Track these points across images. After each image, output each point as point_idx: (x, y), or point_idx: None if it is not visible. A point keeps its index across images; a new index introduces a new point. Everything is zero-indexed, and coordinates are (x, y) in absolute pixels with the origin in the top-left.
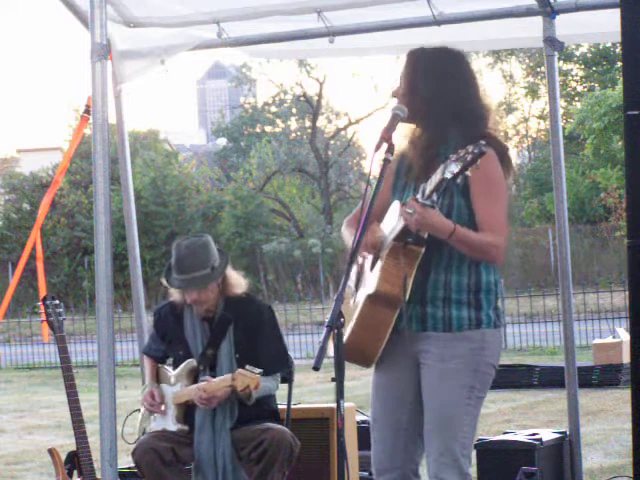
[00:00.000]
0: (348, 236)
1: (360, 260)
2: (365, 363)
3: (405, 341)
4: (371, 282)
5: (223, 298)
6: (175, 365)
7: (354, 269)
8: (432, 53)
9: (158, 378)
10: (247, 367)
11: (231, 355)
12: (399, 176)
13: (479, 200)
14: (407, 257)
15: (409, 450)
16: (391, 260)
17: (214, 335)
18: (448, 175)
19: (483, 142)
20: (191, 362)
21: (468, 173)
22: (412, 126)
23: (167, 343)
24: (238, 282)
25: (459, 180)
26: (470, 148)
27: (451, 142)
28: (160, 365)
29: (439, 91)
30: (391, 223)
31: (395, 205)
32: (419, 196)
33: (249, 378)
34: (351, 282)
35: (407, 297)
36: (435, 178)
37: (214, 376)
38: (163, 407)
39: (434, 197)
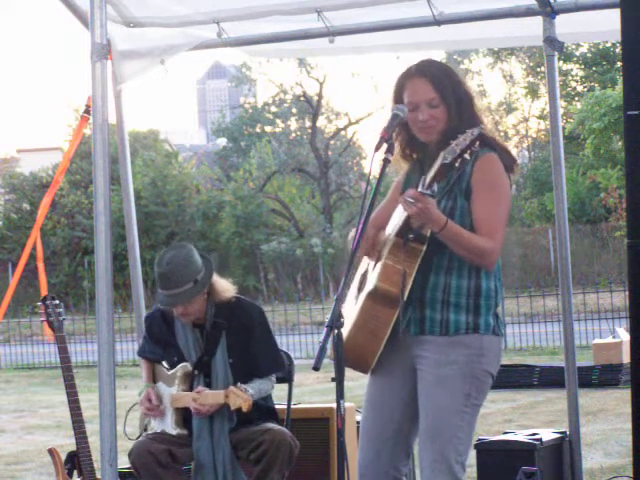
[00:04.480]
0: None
1: (365, 264)
2: (362, 367)
3: (403, 346)
4: (372, 280)
5: (213, 304)
6: (171, 368)
7: (358, 272)
8: (435, 64)
9: (155, 376)
10: (240, 385)
11: (225, 361)
12: (407, 188)
13: (479, 202)
14: (408, 254)
15: (394, 458)
16: (392, 257)
17: (208, 343)
18: (447, 160)
19: (482, 126)
20: (185, 366)
21: (467, 156)
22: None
23: (162, 348)
24: (225, 287)
25: (458, 164)
26: (469, 131)
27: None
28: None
29: (458, 99)
30: (393, 223)
31: (398, 208)
32: (420, 187)
33: (241, 399)
34: (354, 286)
35: (406, 294)
36: (435, 166)
37: (209, 382)
38: (162, 407)
39: (434, 187)
